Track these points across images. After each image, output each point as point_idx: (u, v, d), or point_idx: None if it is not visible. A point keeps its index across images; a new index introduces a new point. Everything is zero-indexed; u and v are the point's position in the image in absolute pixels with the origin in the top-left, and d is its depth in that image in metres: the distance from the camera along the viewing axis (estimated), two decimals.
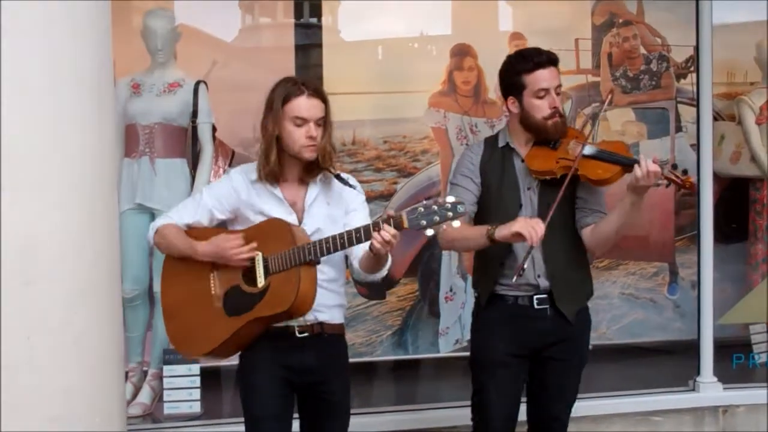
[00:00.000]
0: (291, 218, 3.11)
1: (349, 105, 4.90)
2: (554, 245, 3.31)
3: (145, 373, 4.62)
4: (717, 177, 5.03)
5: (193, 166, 4.55)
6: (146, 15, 4.57)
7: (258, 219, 3.12)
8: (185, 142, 4.56)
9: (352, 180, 3.24)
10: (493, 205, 3.37)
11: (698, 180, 4.92)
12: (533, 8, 5.19)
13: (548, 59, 3.31)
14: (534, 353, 3.40)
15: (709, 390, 4.82)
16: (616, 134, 5.13)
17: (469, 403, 3.53)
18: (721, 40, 5.02)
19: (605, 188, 3.32)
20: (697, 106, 4.96)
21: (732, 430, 4.78)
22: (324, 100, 3.12)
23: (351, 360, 3.37)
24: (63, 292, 2.15)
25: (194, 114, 4.54)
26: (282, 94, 3.09)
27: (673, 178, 3.08)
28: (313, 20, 5.14)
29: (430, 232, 2.85)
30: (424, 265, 4.94)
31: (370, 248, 2.90)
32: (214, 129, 4.57)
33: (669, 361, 5.25)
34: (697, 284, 4.95)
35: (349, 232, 2.91)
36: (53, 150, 2.14)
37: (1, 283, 2.08)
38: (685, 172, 3.11)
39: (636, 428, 4.70)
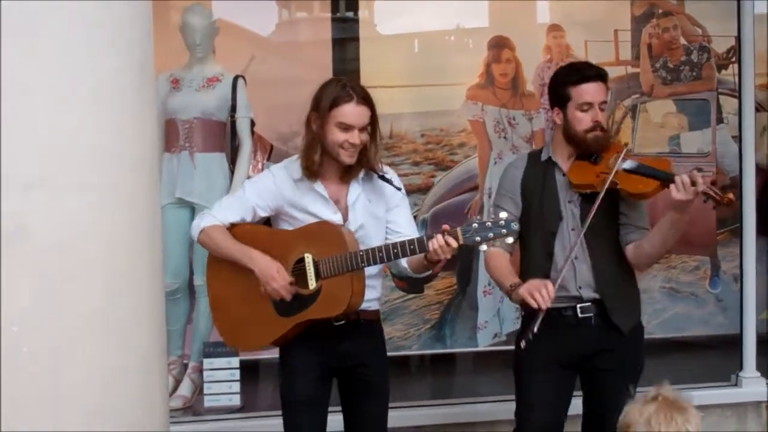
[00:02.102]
0: (336, 217, 3.15)
1: (386, 98, 4.88)
2: (602, 259, 3.31)
3: (186, 366, 4.65)
4: (759, 169, 4.97)
5: (232, 160, 4.57)
6: (184, 11, 4.61)
7: (301, 216, 3.16)
8: (224, 137, 4.59)
9: (396, 181, 3.26)
10: (533, 218, 3.37)
11: (740, 172, 4.90)
12: None
13: (596, 74, 3.31)
14: (581, 363, 3.37)
15: (752, 385, 4.78)
16: (656, 126, 5.09)
17: (506, 397, 3.55)
18: (763, 29, 4.95)
19: (645, 202, 3.32)
20: (739, 97, 4.93)
21: None
22: (371, 106, 3.12)
23: (389, 354, 3.39)
24: (105, 287, 2.17)
25: (233, 108, 4.56)
26: (331, 96, 3.09)
27: (712, 194, 3.03)
28: (350, 14, 5.13)
29: (483, 247, 2.96)
30: (462, 259, 4.93)
31: (425, 256, 3.00)
32: (252, 123, 4.59)
33: (711, 356, 5.20)
34: (740, 278, 4.92)
35: (402, 244, 3.00)
36: (94, 147, 2.16)
37: (44, 279, 2.11)
38: (724, 188, 3.03)
39: None
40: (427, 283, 4.91)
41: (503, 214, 2.92)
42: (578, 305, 3.31)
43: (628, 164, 3.20)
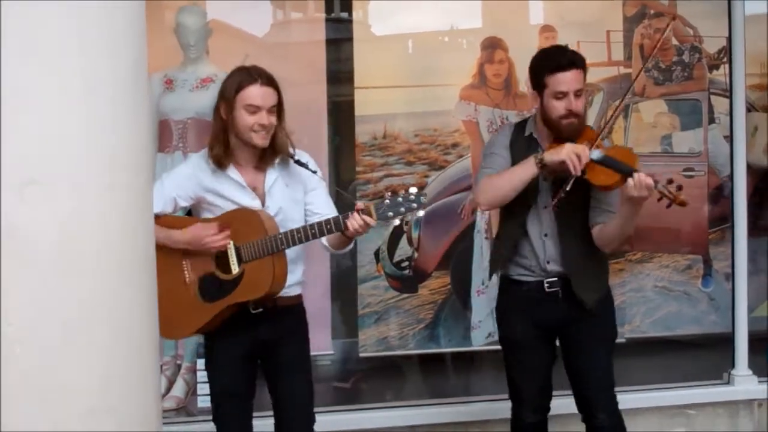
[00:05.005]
0: (255, 203, 3.23)
1: (380, 99, 4.91)
2: (570, 237, 3.43)
3: (179, 366, 4.66)
4: (751, 168, 5.01)
5: None
6: (179, 11, 4.61)
7: (221, 203, 3.23)
8: None
9: (312, 164, 3.32)
10: None
11: (731, 172, 4.93)
12: (564, 0, 5.17)
13: (570, 62, 3.37)
14: (555, 332, 3.53)
15: (744, 383, 4.80)
16: (648, 126, 5.11)
17: (499, 397, 3.65)
18: (754, 30, 4.99)
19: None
20: (730, 97, 4.96)
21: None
22: (276, 88, 3.20)
23: (383, 354, 3.41)
24: (100, 287, 2.18)
25: None
26: (235, 82, 3.17)
27: (666, 193, 3.15)
28: (344, 15, 5.14)
29: (396, 222, 3.00)
30: (456, 259, 4.94)
31: (344, 233, 3.08)
32: None
33: (703, 354, 5.22)
34: (731, 276, 4.95)
35: (320, 224, 3.08)
36: (87, 145, 2.16)
37: (38, 278, 2.11)
38: (679, 188, 3.16)
39: (671, 422, 4.68)
40: (421, 282, 4.93)
41: (413, 189, 3.01)
42: (545, 280, 3.46)
43: (596, 155, 3.28)
